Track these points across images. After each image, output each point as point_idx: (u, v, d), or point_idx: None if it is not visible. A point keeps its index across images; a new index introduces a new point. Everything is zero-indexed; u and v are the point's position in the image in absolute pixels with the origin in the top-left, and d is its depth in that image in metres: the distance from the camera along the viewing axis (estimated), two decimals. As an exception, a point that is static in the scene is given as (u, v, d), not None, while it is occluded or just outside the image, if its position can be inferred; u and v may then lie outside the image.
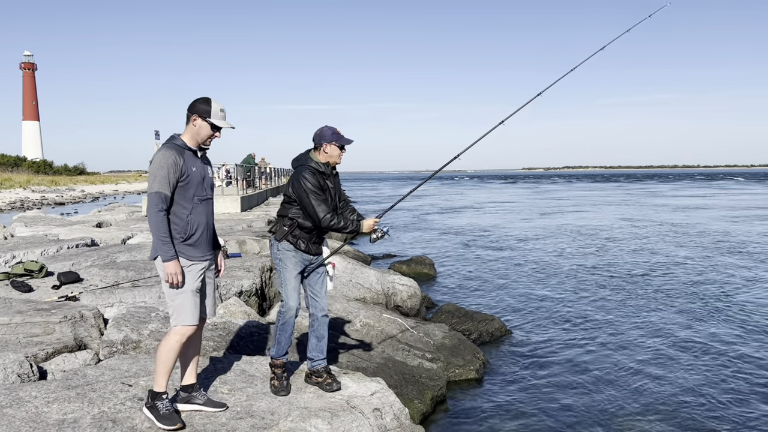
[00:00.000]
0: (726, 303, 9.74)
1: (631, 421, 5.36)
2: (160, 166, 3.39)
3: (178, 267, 3.43)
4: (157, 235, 3.38)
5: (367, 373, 5.05)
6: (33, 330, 5.23)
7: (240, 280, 7.36)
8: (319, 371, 4.19)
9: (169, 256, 3.39)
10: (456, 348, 6.60)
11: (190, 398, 3.74)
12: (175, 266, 3.41)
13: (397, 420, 3.99)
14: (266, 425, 3.58)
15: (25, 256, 9.16)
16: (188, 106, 3.55)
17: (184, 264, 3.49)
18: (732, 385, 6.19)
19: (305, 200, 3.99)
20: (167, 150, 3.44)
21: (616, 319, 8.82)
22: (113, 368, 4.35)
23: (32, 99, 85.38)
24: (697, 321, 8.68)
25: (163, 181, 3.38)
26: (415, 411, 5.06)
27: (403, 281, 8.75)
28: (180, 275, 3.43)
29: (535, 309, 9.52)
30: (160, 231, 3.38)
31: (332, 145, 4.12)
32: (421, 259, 13.00)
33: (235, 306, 6.28)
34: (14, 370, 4.19)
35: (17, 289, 6.69)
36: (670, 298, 10.14)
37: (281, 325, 4.08)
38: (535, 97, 5.06)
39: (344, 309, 6.73)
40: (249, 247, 10.49)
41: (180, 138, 3.54)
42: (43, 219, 15.16)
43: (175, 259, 3.42)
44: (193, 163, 3.52)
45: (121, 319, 5.50)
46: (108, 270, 7.77)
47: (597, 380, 6.37)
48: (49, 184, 54.77)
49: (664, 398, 5.86)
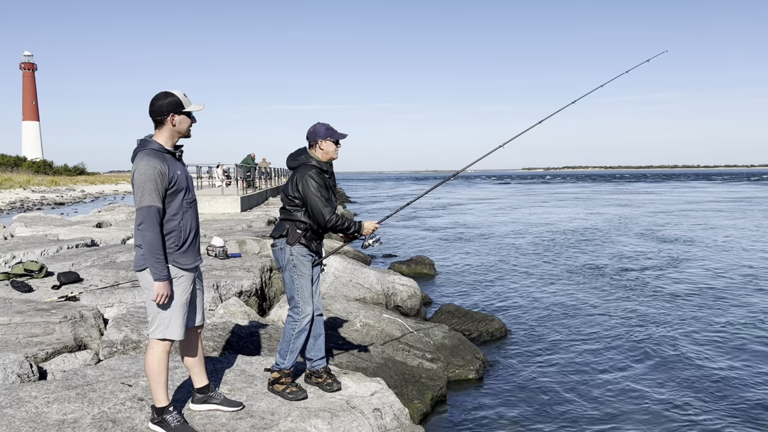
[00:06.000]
0: (730, 301, 9.74)
1: (632, 421, 5.36)
2: (146, 177, 3.21)
3: (169, 288, 3.30)
4: (152, 253, 3.23)
5: (367, 373, 5.05)
6: (33, 330, 5.23)
7: (240, 280, 7.36)
8: (319, 371, 4.19)
9: (162, 275, 3.26)
10: (456, 348, 6.60)
11: (207, 398, 3.73)
12: (166, 287, 3.28)
13: (397, 420, 3.99)
14: (266, 425, 3.57)
15: (25, 256, 9.16)
16: (152, 110, 3.34)
17: (176, 274, 3.36)
18: (732, 385, 6.19)
19: (312, 200, 3.96)
20: (149, 158, 3.25)
21: (616, 319, 8.81)
22: (113, 368, 4.35)
23: (32, 99, 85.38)
24: (698, 320, 8.67)
25: (153, 194, 3.22)
26: (415, 411, 5.06)
27: (403, 281, 8.74)
28: (169, 296, 3.31)
29: (535, 309, 9.52)
30: (155, 249, 3.24)
31: (327, 141, 4.09)
32: (421, 259, 13.00)
33: (235, 306, 6.28)
34: (14, 370, 4.19)
35: (17, 289, 6.69)
36: (672, 298, 10.13)
37: (298, 332, 4.01)
38: (536, 125, 5.26)
39: (344, 309, 6.73)
40: (249, 247, 10.49)
41: (154, 141, 3.36)
42: (43, 219, 15.15)
43: (168, 280, 3.29)
44: (176, 167, 3.36)
45: (121, 319, 5.50)
46: (108, 270, 7.77)
47: (597, 380, 6.37)
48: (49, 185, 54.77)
49: (665, 398, 5.86)
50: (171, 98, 3.35)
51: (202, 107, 3.47)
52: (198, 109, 3.46)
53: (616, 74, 5.72)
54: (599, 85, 5.60)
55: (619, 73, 5.73)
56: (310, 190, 3.96)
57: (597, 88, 5.56)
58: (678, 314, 9.07)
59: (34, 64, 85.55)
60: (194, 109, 3.44)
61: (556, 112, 5.29)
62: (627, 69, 5.76)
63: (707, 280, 11.70)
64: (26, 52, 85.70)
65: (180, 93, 3.39)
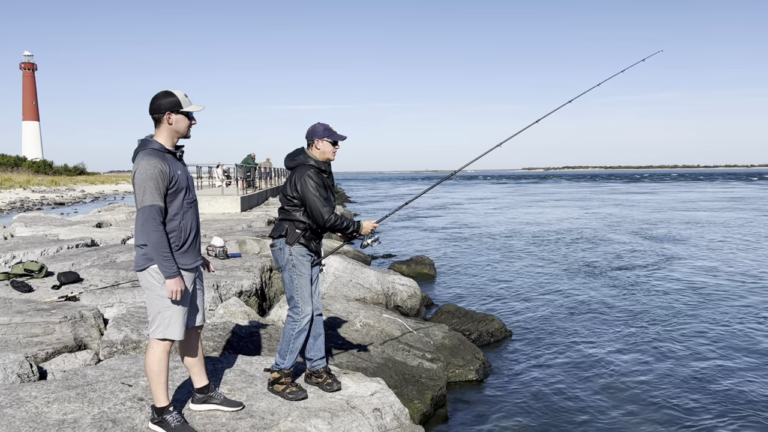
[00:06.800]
0: (730, 301, 9.75)
1: (632, 421, 5.35)
2: (147, 176, 3.21)
3: (181, 283, 3.30)
4: (159, 252, 3.23)
5: (367, 373, 5.05)
6: (33, 330, 5.23)
7: (240, 280, 7.36)
8: (319, 371, 4.19)
9: (172, 272, 3.27)
10: (456, 348, 6.60)
11: (207, 398, 3.73)
12: (179, 283, 3.29)
13: (397, 420, 3.99)
14: (266, 425, 3.57)
15: (25, 256, 9.16)
16: (151, 108, 3.36)
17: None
18: (735, 385, 6.19)
19: (311, 200, 3.96)
20: (150, 157, 3.25)
21: (617, 319, 8.81)
22: (113, 368, 4.35)
23: (32, 99, 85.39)
24: (698, 319, 8.67)
25: (155, 193, 3.22)
26: (415, 411, 5.06)
27: (403, 281, 8.74)
28: (183, 291, 3.32)
29: (535, 309, 9.52)
30: (161, 247, 3.24)
31: (325, 141, 4.09)
32: (421, 259, 13.00)
33: (235, 306, 6.28)
34: (14, 370, 4.19)
35: (17, 289, 6.69)
36: (672, 297, 10.13)
37: (298, 332, 4.02)
38: (533, 124, 5.28)
39: (344, 309, 6.73)
40: (249, 247, 10.49)
41: (155, 141, 3.36)
42: (43, 219, 15.16)
43: (179, 276, 3.30)
44: (176, 167, 3.36)
45: (121, 319, 5.50)
46: (108, 270, 7.77)
47: (598, 380, 6.36)
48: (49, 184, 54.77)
49: (666, 398, 5.86)
50: (170, 98, 3.35)
51: (201, 108, 3.46)
52: (197, 109, 3.45)
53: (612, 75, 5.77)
54: (596, 84, 5.64)
55: (614, 73, 5.76)
56: (308, 190, 3.96)
57: (593, 87, 5.59)
58: (678, 313, 9.07)
59: (34, 64, 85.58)
60: (193, 109, 3.43)
61: (553, 111, 5.33)
62: (623, 68, 5.81)
63: (707, 280, 11.70)
64: (26, 52, 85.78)
65: (180, 93, 3.39)
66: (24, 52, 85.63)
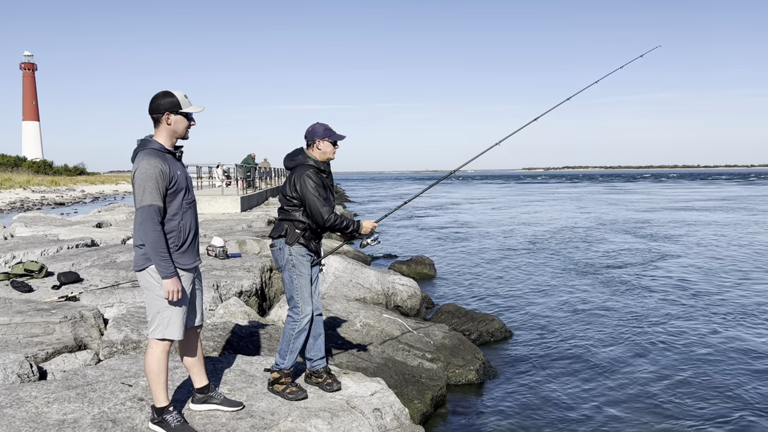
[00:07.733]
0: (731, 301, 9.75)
1: (633, 422, 5.36)
2: (147, 176, 3.21)
3: (179, 283, 3.31)
4: (157, 252, 3.23)
5: (367, 373, 5.05)
6: (33, 330, 5.23)
7: (240, 280, 7.35)
8: (319, 371, 4.19)
9: (169, 272, 3.27)
10: (456, 348, 6.60)
11: (207, 398, 3.73)
12: (176, 283, 3.29)
13: (397, 420, 3.99)
14: (266, 425, 3.57)
15: (25, 256, 9.16)
16: (151, 108, 3.36)
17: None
18: (732, 384, 6.18)
19: (310, 200, 3.96)
20: (150, 157, 3.25)
21: (617, 319, 8.81)
22: (113, 368, 4.35)
23: (32, 99, 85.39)
24: (698, 318, 8.67)
25: (154, 192, 3.22)
26: (415, 411, 5.06)
27: (403, 281, 8.74)
28: (180, 291, 3.32)
29: (535, 308, 9.52)
30: (159, 247, 3.24)
31: (325, 141, 4.09)
32: (421, 259, 13.00)
33: (235, 306, 6.28)
34: (14, 370, 4.19)
35: (17, 289, 6.69)
36: (673, 297, 10.13)
37: (298, 332, 4.02)
38: (531, 122, 5.28)
39: (344, 309, 6.73)
40: (249, 247, 10.49)
41: (155, 141, 3.35)
42: (43, 219, 15.15)
43: (176, 276, 3.30)
44: (176, 167, 3.37)
45: (121, 319, 5.50)
46: (108, 270, 7.77)
47: (598, 380, 6.37)
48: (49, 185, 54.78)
49: (667, 399, 5.86)
50: (169, 98, 3.35)
51: (201, 109, 3.46)
52: (197, 110, 3.45)
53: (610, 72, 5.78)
54: (594, 81, 5.65)
55: (613, 69, 5.78)
56: (308, 190, 3.96)
57: (591, 84, 5.59)
58: (679, 313, 9.06)
59: (34, 64, 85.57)
60: (192, 110, 3.43)
61: (552, 108, 5.33)
62: (621, 64, 5.81)
63: (707, 278, 11.70)
64: (26, 52, 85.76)
65: (180, 94, 3.39)
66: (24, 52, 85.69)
